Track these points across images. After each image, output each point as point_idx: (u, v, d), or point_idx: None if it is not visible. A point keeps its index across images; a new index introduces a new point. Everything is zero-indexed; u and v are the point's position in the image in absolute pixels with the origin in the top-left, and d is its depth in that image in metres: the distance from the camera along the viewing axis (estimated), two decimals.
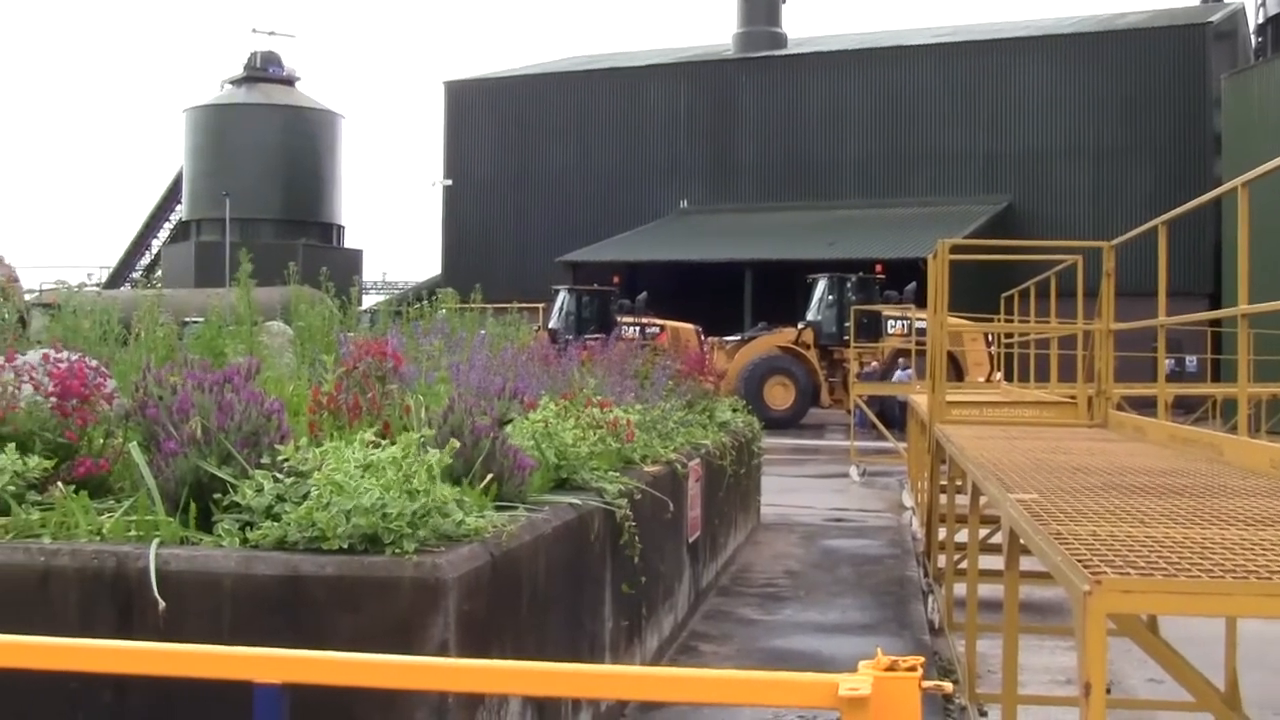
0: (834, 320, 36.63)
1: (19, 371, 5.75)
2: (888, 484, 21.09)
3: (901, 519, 16.68)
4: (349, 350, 7.52)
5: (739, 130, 58.37)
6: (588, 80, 61.68)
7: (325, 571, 4.61)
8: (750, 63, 59.65)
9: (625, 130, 59.64)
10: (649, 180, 58.85)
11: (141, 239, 78.45)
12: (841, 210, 54.14)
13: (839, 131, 56.68)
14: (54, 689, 4.57)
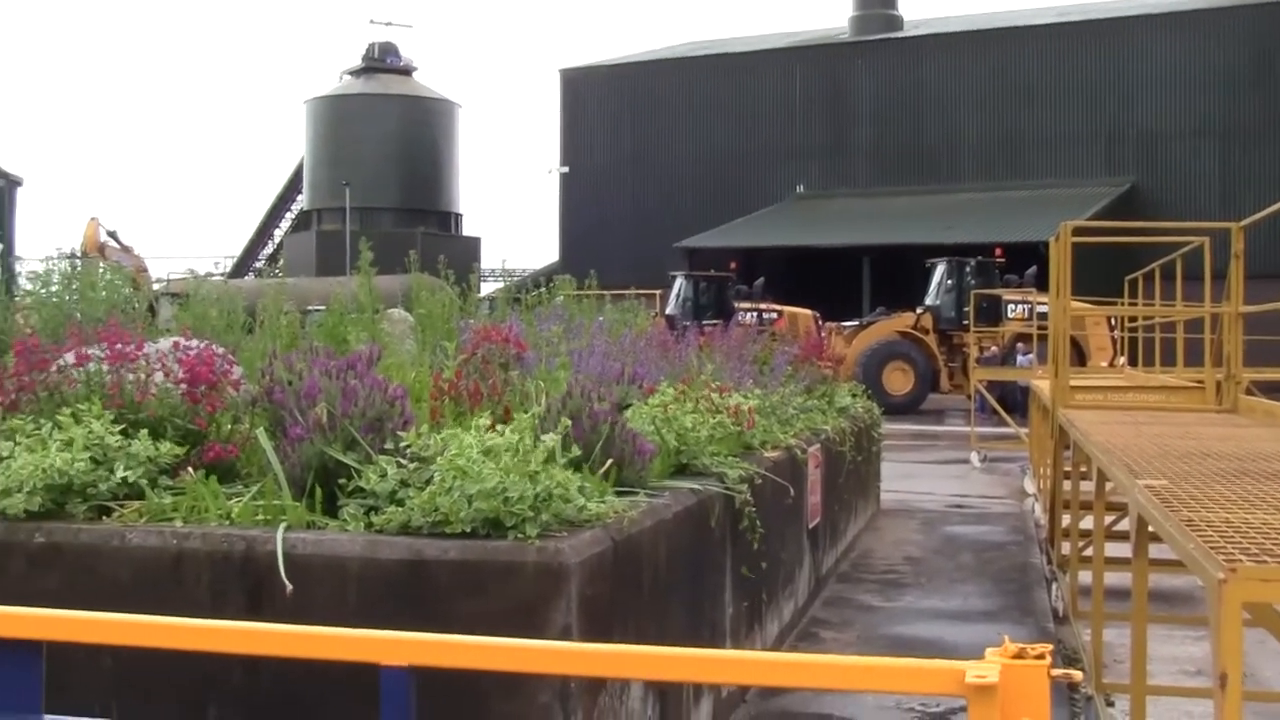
0: (953, 305, 36.23)
1: (150, 359, 5.86)
2: (1009, 470, 20.84)
3: (1023, 505, 16.49)
4: (469, 337, 7.58)
5: (854, 114, 57.94)
6: (702, 66, 61.54)
7: (448, 556, 4.64)
8: (865, 46, 59.18)
9: (740, 116, 59.43)
10: (765, 166, 58.63)
11: (264, 229, 79.62)
12: (959, 194, 53.55)
13: (956, 114, 56.04)
14: (188, 668, 4.65)
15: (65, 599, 4.52)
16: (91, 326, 6.92)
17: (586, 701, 4.70)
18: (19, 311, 9.78)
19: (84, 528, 5.05)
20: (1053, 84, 54.07)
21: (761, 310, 37.39)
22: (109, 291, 9.25)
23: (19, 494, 5.04)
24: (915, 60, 57.55)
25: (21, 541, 5.05)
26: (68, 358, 5.94)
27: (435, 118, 74.02)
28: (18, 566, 5.05)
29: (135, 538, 4.96)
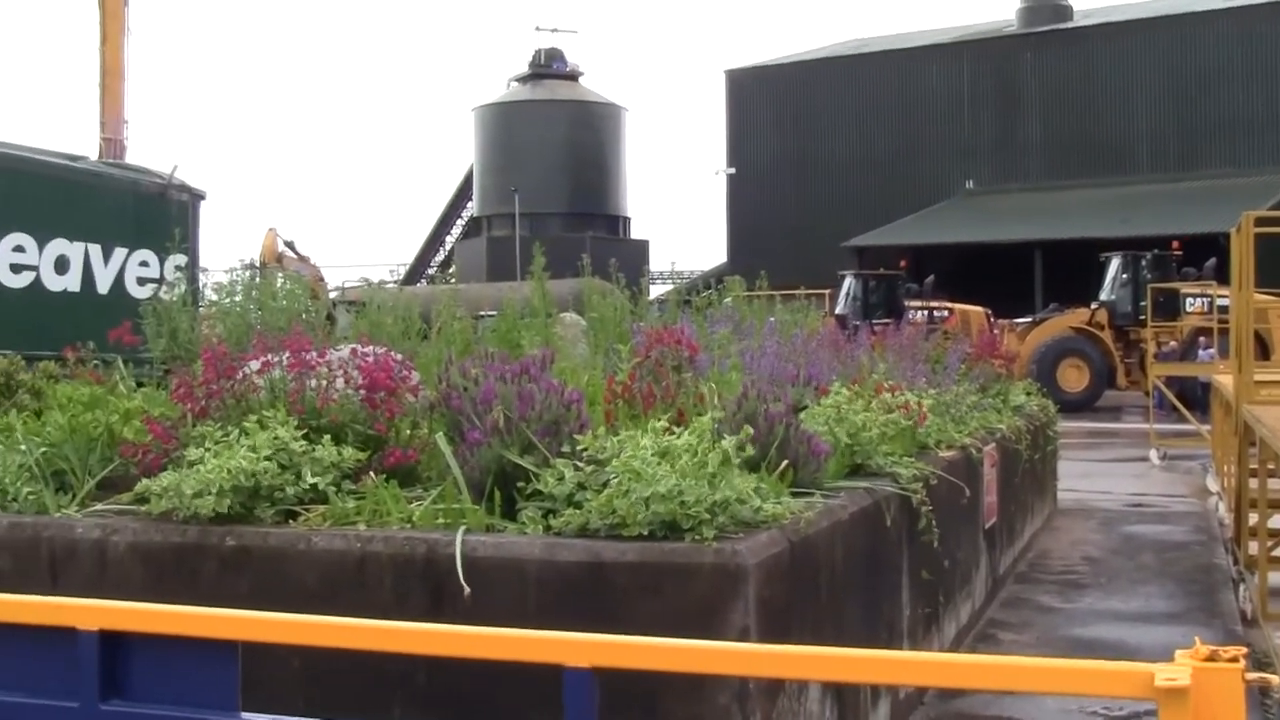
0: (1129, 299, 35.50)
1: (331, 367, 6.00)
2: (1190, 468, 20.34)
3: (1206, 504, 16.08)
4: (642, 340, 7.62)
5: (1024, 107, 57.07)
6: (867, 63, 61.13)
7: (626, 558, 4.67)
8: (1035, 37, 58.25)
9: (907, 112, 58.90)
10: (933, 162, 58.02)
11: (436, 236, 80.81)
12: (1134, 186, 52.44)
13: (1129, 104, 54.90)
14: (372, 668, 4.75)
15: (255, 601, 4.65)
16: (274, 335, 7.09)
17: (765, 703, 4.69)
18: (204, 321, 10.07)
19: (272, 531, 5.19)
20: (1229, 70, 52.69)
21: (932, 308, 37.02)
22: (289, 301, 9.48)
23: (209, 496, 5.19)
24: (1085, 50, 56.52)
25: (214, 545, 5.20)
26: (252, 365, 6.10)
27: (602, 122, 74.49)
28: (210, 569, 5.20)
29: (321, 541, 5.08)
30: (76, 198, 18.97)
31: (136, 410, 6.47)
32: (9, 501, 5.85)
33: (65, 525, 5.56)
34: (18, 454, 6.10)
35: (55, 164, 19.62)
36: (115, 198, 19.83)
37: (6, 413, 6.77)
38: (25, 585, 5.27)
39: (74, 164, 20.59)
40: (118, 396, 6.92)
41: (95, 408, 6.49)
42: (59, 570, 5.46)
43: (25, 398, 7.34)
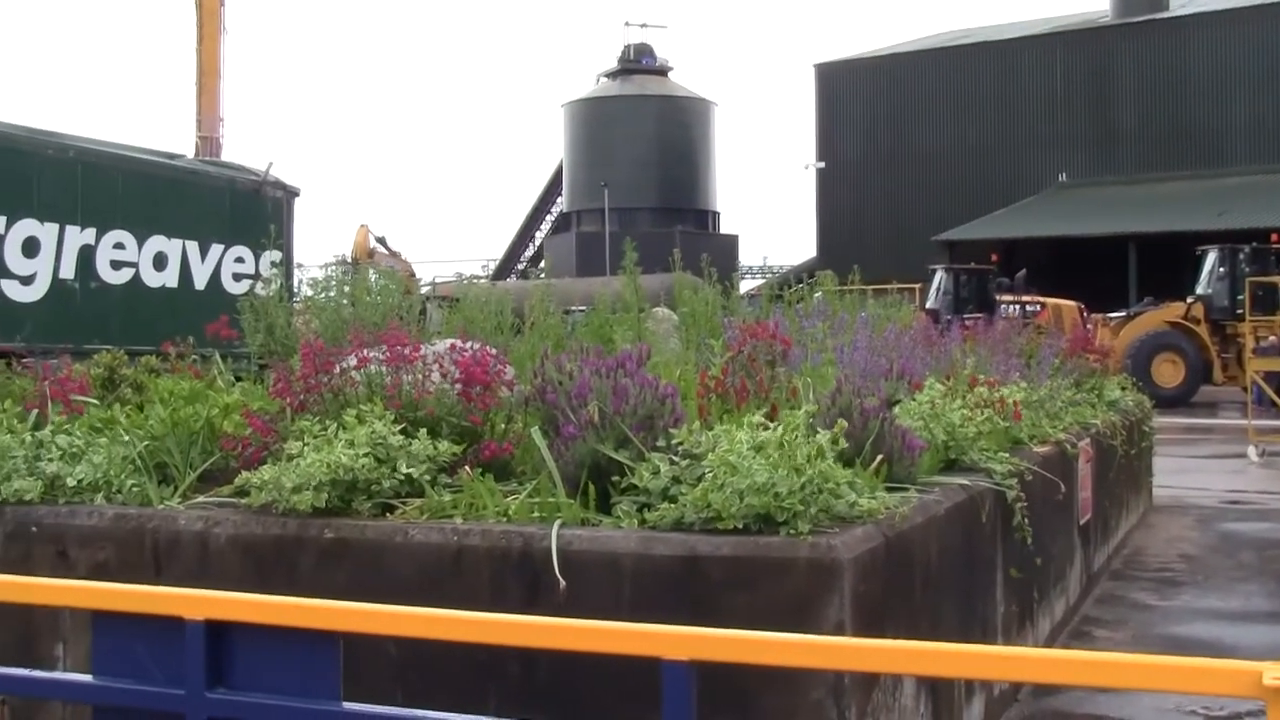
0: (1226, 293, 35.00)
1: (427, 361, 6.06)
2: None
3: None
4: (734, 334, 7.62)
5: (1118, 98, 56.37)
6: (958, 55, 60.65)
7: (721, 552, 4.68)
8: (1129, 28, 57.51)
9: (999, 104, 58.38)
10: (1025, 154, 57.47)
11: (525, 231, 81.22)
12: (1231, 178, 51.65)
13: (1226, 94, 54.08)
14: (467, 659, 4.80)
15: (353, 593, 4.70)
16: (370, 330, 7.17)
17: (859, 698, 4.69)
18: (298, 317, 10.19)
19: (369, 524, 5.25)
20: None
21: (1024, 302, 36.67)
22: (383, 296, 9.57)
23: (308, 490, 5.26)
24: (1181, 40, 55.74)
25: (313, 537, 5.27)
26: (349, 360, 6.17)
27: (691, 117, 74.49)
28: (309, 561, 5.27)
29: (418, 534, 5.13)
30: (174, 195, 19.26)
31: (236, 404, 6.57)
32: (114, 493, 5.96)
33: (168, 517, 5.66)
34: (121, 446, 6.22)
35: (154, 162, 19.94)
36: (212, 195, 20.12)
37: (110, 406, 6.89)
38: (130, 575, 5.39)
39: (172, 162, 20.91)
40: (217, 391, 7.03)
41: (196, 402, 6.60)
42: (162, 561, 5.56)
43: (127, 391, 7.46)
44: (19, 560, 5.79)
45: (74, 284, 17.54)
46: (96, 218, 17.82)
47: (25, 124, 18.51)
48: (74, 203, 17.60)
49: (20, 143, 17.42)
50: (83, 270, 17.64)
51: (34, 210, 17.07)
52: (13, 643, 5.64)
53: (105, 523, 5.74)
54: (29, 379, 7.38)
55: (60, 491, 5.99)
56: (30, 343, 13.27)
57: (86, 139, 19.07)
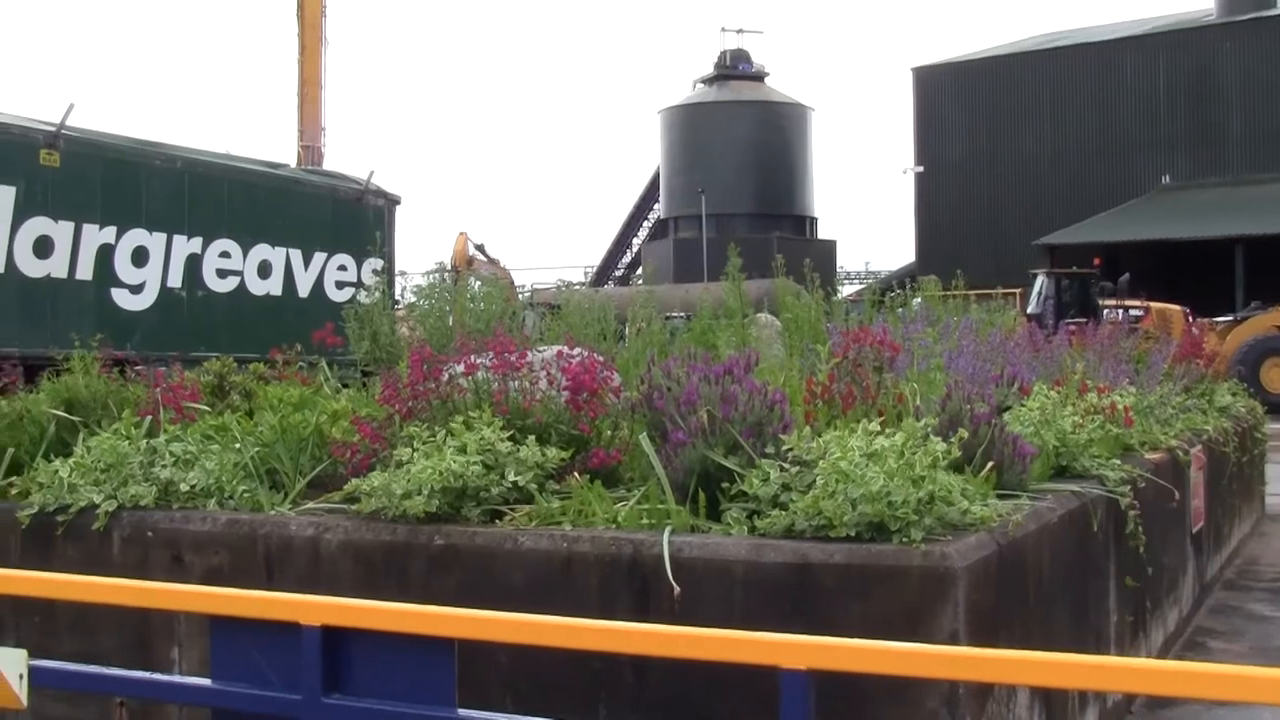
0: None
1: (534, 368, 6.07)
2: None
3: None
4: (839, 340, 7.57)
5: (1223, 98, 55.39)
6: (1058, 57, 59.92)
7: (833, 559, 4.64)
8: (1235, 27, 56.51)
9: (1099, 106, 57.59)
10: (1126, 157, 56.65)
11: (623, 237, 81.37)
12: None
13: None
14: (579, 667, 4.79)
15: (463, 600, 4.71)
16: (476, 337, 7.20)
17: (974, 707, 4.62)
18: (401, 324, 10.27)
19: (479, 531, 5.26)
20: None
21: (1127, 306, 36.13)
22: (486, 303, 9.62)
23: (419, 496, 5.29)
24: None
25: (422, 544, 5.29)
26: (457, 367, 6.19)
27: (788, 122, 74.26)
28: (419, 568, 5.30)
29: (527, 541, 5.13)
30: (278, 204, 19.51)
31: (344, 411, 6.62)
32: (226, 499, 6.04)
33: (280, 523, 5.71)
34: (233, 453, 6.29)
35: (258, 171, 20.20)
36: (314, 204, 20.35)
37: (221, 413, 6.97)
38: (243, 580, 5.45)
39: (275, 171, 21.16)
40: (324, 398, 7.09)
41: (304, 408, 6.67)
42: (275, 566, 5.61)
43: (237, 398, 7.55)
44: (136, 564, 5.88)
45: (181, 292, 17.81)
46: (203, 227, 18.10)
47: (133, 136, 18.83)
48: (181, 213, 17.88)
49: (129, 154, 17.72)
50: (190, 279, 17.91)
51: (143, 220, 17.36)
52: (129, 645, 5.72)
53: (218, 528, 5.81)
54: (142, 386, 7.48)
55: (174, 497, 6.08)
56: (140, 350, 13.47)
57: (193, 150, 19.37)
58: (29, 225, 16.07)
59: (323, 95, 31.66)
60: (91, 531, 6.02)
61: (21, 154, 16.10)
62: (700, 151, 71.20)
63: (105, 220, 16.93)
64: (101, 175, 16.97)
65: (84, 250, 16.66)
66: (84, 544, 6.06)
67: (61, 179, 16.42)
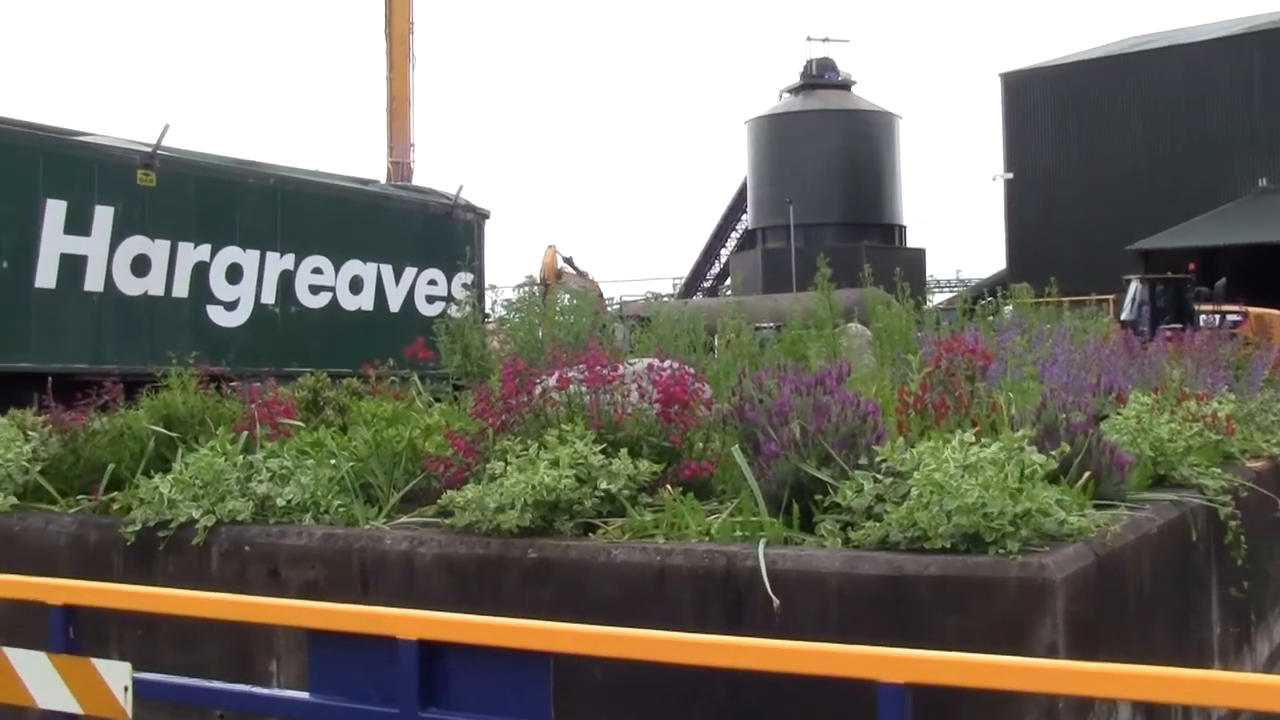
0: None
1: (626, 381, 6.07)
2: None
3: None
4: (930, 349, 7.51)
5: None
6: (1149, 60, 59.15)
7: (928, 571, 4.60)
8: None
9: (1191, 108, 56.77)
10: (1220, 160, 55.78)
11: (710, 248, 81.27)
12: None
13: None
14: (672, 681, 4.77)
15: (557, 613, 4.72)
16: (567, 351, 7.21)
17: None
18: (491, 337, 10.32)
19: (572, 544, 5.27)
20: None
21: (1225, 312, 35.58)
22: (576, 316, 9.64)
23: (512, 510, 5.30)
24: None
25: (516, 557, 5.31)
26: (549, 380, 6.21)
27: (875, 130, 73.88)
28: (512, 581, 5.31)
29: (620, 554, 5.13)
30: (369, 220, 19.68)
31: (437, 425, 6.65)
32: (321, 513, 6.09)
33: (374, 536, 5.75)
34: (328, 468, 6.35)
35: (349, 188, 20.40)
36: (405, 219, 20.52)
37: (315, 429, 7.04)
38: (338, 594, 5.49)
39: (365, 188, 21.37)
40: (417, 412, 7.14)
41: (397, 423, 6.71)
42: (370, 580, 5.65)
43: (330, 413, 7.61)
44: (234, 578, 5.94)
45: (274, 309, 18.02)
46: (295, 244, 18.30)
47: (227, 155, 19.09)
48: (274, 230, 18.09)
49: (223, 173, 17.97)
50: (283, 295, 18.12)
51: (237, 238, 17.59)
52: (229, 658, 5.78)
53: (314, 542, 5.86)
54: (237, 402, 7.56)
55: (270, 511, 6.14)
56: (234, 366, 13.65)
57: (285, 167, 19.61)
58: (127, 244, 16.34)
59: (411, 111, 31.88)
60: (191, 546, 6.10)
61: (119, 175, 16.38)
62: (787, 161, 70.96)
63: (200, 239, 17.17)
64: (196, 194, 17.22)
65: (180, 268, 16.90)
66: (184, 558, 6.14)
67: (158, 199, 16.68)
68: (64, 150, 16.37)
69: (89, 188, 16.05)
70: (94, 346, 16.01)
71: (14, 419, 7.61)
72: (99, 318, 16.12)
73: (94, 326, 16.08)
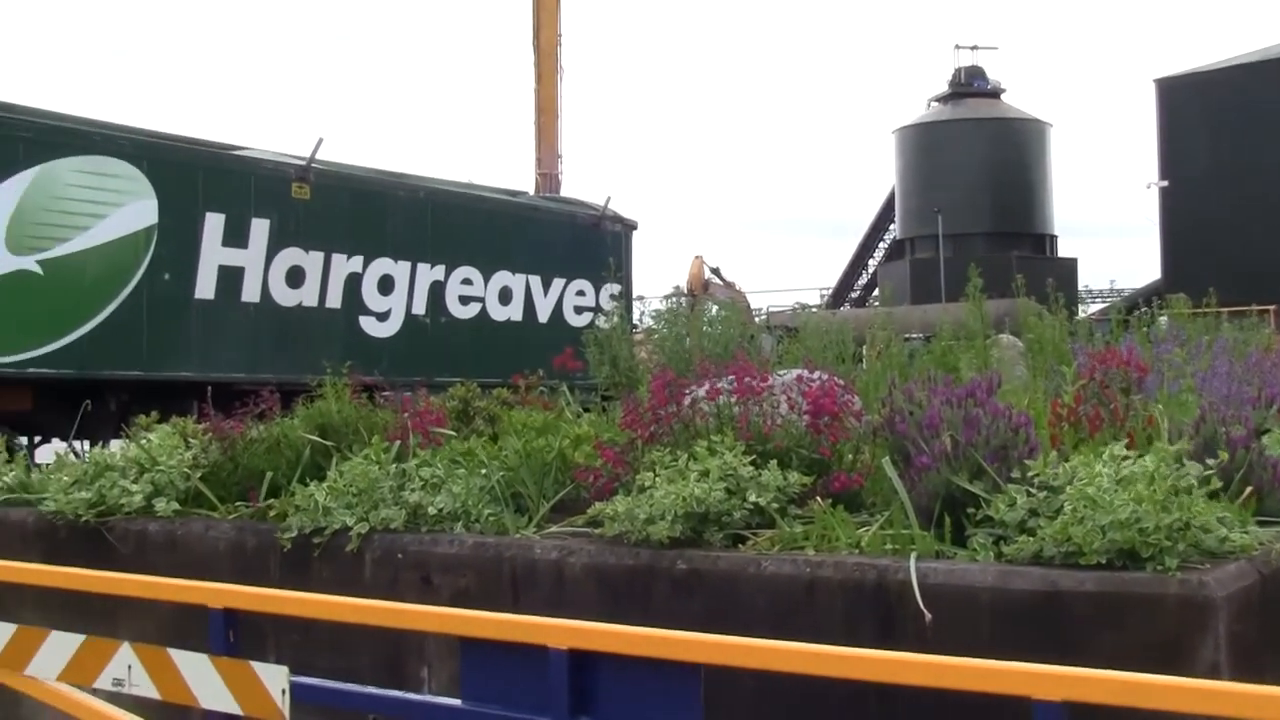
0: None
1: (775, 392, 6.05)
2: None
3: None
4: (1084, 361, 7.39)
5: None
6: None
7: (1084, 587, 4.52)
8: None
9: None
10: None
11: (858, 259, 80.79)
12: None
13: None
14: (823, 694, 4.74)
15: (705, 624, 4.71)
16: (716, 362, 7.22)
17: None
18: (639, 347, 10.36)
19: (722, 555, 5.26)
20: None
21: None
22: (724, 327, 9.64)
23: (662, 521, 5.32)
24: None
25: (665, 568, 5.32)
26: (699, 391, 6.22)
27: (1025, 139, 72.90)
28: (662, 592, 5.32)
29: (770, 565, 5.11)
30: (517, 231, 19.91)
31: (586, 436, 6.69)
32: (472, 522, 6.16)
33: (525, 545, 5.80)
34: (479, 478, 6.42)
35: (497, 200, 20.65)
36: (553, 230, 20.71)
37: (466, 438, 7.12)
38: (489, 602, 5.54)
39: (514, 199, 21.62)
40: (566, 422, 7.19)
41: (547, 433, 6.76)
42: (520, 589, 5.70)
43: (480, 423, 7.69)
44: (386, 585, 6.03)
45: (425, 319, 18.29)
46: (445, 255, 18.56)
47: (377, 167, 19.42)
48: (424, 241, 18.36)
49: (374, 185, 18.29)
50: (433, 306, 18.38)
51: (388, 249, 17.89)
52: (381, 664, 5.87)
53: (465, 550, 5.92)
54: (390, 411, 7.68)
55: (422, 520, 6.22)
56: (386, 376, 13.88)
57: (434, 179, 19.90)
58: (282, 256, 16.70)
59: (559, 123, 32.17)
60: (345, 553, 6.21)
61: (275, 188, 16.76)
62: (936, 171, 70.29)
63: (353, 250, 17.50)
64: (349, 206, 17.55)
65: (333, 279, 17.24)
66: (338, 565, 6.25)
67: (312, 211, 17.04)
68: (222, 165, 16.80)
69: (246, 201, 16.45)
70: (250, 357, 16.39)
71: (176, 427, 7.81)
72: (255, 328, 16.50)
73: (250, 337, 16.46)
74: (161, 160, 15.83)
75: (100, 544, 7.16)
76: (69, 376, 14.92)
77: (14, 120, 14.91)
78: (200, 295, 15.97)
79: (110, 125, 16.49)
